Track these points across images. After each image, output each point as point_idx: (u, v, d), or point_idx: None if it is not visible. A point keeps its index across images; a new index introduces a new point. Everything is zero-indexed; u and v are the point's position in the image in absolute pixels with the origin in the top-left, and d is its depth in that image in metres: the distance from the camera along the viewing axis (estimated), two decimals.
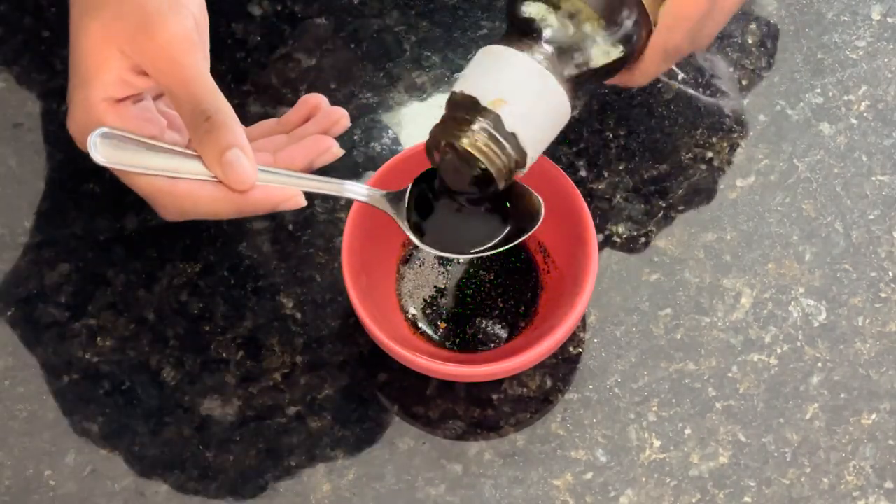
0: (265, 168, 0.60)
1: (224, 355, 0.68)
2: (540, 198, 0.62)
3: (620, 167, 0.72)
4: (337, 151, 0.64)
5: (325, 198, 0.71)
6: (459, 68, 0.75)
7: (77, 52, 0.60)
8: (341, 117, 0.65)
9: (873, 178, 0.72)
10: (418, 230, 0.63)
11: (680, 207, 0.71)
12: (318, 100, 0.66)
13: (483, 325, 0.68)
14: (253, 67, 0.75)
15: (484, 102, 0.58)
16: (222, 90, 0.60)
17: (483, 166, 0.59)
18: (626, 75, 0.64)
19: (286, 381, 0.67)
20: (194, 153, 0.60)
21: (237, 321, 0.68)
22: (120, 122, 0.59)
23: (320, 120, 0.65)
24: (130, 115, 0.60)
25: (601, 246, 0.70)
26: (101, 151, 0.58)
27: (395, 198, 0.63)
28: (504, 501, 0.65)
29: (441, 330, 0.68)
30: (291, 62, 0.75)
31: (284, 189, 0.60)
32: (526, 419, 0.66)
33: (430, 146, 0.61)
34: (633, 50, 0.61)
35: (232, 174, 0.59)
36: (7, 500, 0.65)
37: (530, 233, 0.62)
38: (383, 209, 0.63)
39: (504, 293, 0.68)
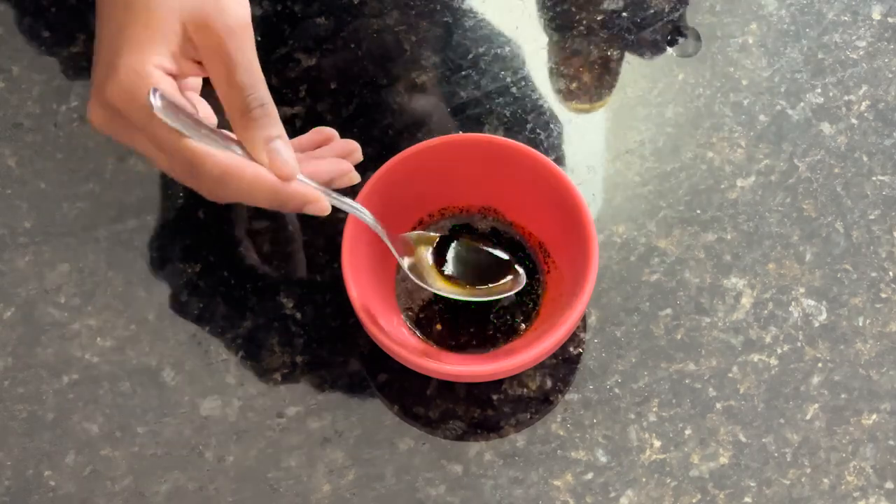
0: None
1: (224, 355, 0.68)
2: (523, 273, 0.66)
3: (621, 167, 0.72)
4: (355, 177, 0.65)
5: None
6: (459, 68, 0.75)
7: (136, 16, 0.59)
8: (355, 150, 0.66)
9: (874, 178, 0.72)
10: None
11: (680, 207, 0.71)
12: (331, 133, 0.67)
13: (483, 326, 0.68)
14: None
15: None
16: None
17: None
18: None
19: (286, 381, 0.67)
20: (235, 139, 0.60)
21: (237, 321, 0.68)
22: (172, 92, 0.58)
23: (336, 147, 0.66)
24: (177, 89, 0.59)
25: (601, 246, 0.70)
26: (159, 107, 0.57)
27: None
28: (504, 501, 0.64)
29: (440, 330, 0.67)
30: (291, 62, 0.75)
31: (316, 190, 0.61)
32: (526, 419, 0.66)
33: None
34: None
35: (278, 161, 0.59)
36: (7, 500, 0.65)
37: (504, 295, 0.65)
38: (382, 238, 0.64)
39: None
